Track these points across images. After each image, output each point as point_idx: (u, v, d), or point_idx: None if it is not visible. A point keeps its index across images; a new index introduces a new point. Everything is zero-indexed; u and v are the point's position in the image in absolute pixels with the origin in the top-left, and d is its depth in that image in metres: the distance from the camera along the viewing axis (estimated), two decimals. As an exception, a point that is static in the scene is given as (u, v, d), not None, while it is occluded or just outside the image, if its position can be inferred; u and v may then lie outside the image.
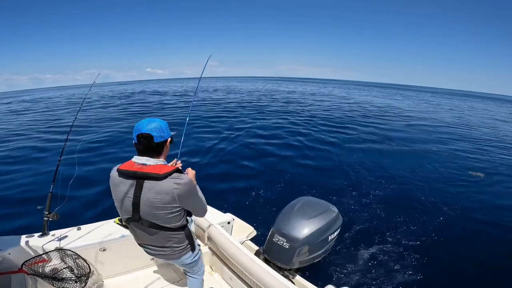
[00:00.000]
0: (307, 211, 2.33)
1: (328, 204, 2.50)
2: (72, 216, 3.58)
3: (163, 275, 2.38)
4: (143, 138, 1.29)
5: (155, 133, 1.30)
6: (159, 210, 1.31)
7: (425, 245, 3.58)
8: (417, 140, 9.35)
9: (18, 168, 6.23)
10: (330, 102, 20.87)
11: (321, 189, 5.02)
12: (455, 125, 13.68)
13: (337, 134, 9.66)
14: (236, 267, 2.12)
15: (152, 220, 1.36)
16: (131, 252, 2.27)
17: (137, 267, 2.39)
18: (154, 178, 1.26)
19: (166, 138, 1.36)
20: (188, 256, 1.61)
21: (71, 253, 1.93)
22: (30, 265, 1.76)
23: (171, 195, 1.28)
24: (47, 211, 2.12)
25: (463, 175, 6.29)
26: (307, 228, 2.22)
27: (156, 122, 1.34)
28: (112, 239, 2.16)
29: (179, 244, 1.51)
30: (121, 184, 1.32)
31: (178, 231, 1.46)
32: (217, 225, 2.44)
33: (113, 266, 2.24)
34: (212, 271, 2.52)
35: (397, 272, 3.08)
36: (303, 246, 2.20)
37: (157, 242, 1.48)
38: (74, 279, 1.87)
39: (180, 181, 1.29)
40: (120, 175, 1.33)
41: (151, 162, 1.31)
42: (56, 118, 13.52)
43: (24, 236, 2.01)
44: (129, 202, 1.32)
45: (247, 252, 2.08)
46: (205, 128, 9.93)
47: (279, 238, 2.24)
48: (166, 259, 1.60)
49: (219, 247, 2.27)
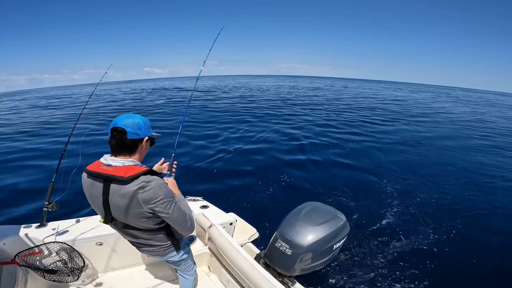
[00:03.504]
0: (314, 217, 2.21)
1: (336, 211, 2.36)
2: (72, 207, 3.58)
3: (158, 272, 2.32)
4: (116, 133, 1.19)
5: (130, 128, 1.19)
6: (127, 214, 1.22)
7: (442, 268, 3.23)
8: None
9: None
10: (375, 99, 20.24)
11: (329, 194, 4.86)
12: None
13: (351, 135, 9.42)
14: (234, 270, 2.05)
15: (124, 222, 1.29)
16: (128, 248, 2.21)
17: (133, 263, 2.34)
18: (118, 181, 1.16)
19: (142, 136, 1.24)
20: (173, 254, 1.54)
21: (66, 246, 1.88)
22: (23, 257, 1.72)
23: (136, 200, 1.17)
24: (47, 201, 2.09)
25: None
26: (312, 235, 2.09)
27: (135, 118, 1.23)
28: (109, 234, 2.10)
29: (161, 243, 1.45)
30: (91, 186, 1.24)
31: (156, 232, 1.38)
32: (218, 225, 2.36)
33: (109, 261, 2.20)
34: (210, 271, 2.45)
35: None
36: (306, 253, 2.09)
37: (138, 239, 1.41)
38: (67, 272, 1.83)
39: (145, 184, 1.16)
40: (89, 176, 1.24)
41: (117, 163, 1.18)
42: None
43: (22, 227, 1.99)
44: (100, 204, 1.25)
45: (247, 256, 2.01)
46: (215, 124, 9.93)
47: (281, 244, 2.12)
48: (153, 255, 1.53)
49: (219, 248, 2.19)
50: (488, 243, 3.75)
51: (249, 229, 2.84)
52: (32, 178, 5.37)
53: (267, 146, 7.85)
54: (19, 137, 9.17)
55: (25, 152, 7.27)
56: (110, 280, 2.16)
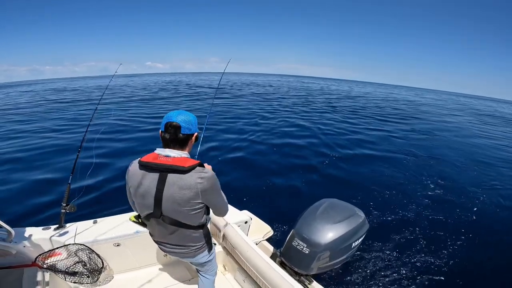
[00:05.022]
0: (332, 215, 2.14)
1: (355, 208, 2.29)
2: (90, 208, 3.64)
3: (174, 273, 2.33)
4: (171, 127, 1.25)
5: (184, 124, 1.26)
6: (182, 206, 1.25)
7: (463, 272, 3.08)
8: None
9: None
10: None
11: (349, 191, 4.77)
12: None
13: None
14: (250, 269, 2.02)
15: (174, 217, 1.30)
16: (144, 249, 2.22)
17: (149, 264, 2.35)
18: (178, 171, 1.21)
19: (192, 132, 1.31)
20: (204, 255, 1.55)
21: (84, 247, 1.90)
22: (43, 259, 1.74)
23: (195, 190, 1.22)
24: (64, 202, 2.10)
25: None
26: (331, 233, 2.03)
27: (187, 114, 1.30)
28: (127, 235, 2.12)
29: (196, 243, 1.47)
30: (143, 178, 1.25)
31: (197, 229, 1.41)
32: (233, 224, 2.34)
33: (125, 261, 2.21)
34: (225, 271, 2.43)
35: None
36: (324, 252, 2.03)
37: (175, 240, 1.43)
38: (87, 273, 1.85)
39: (204, 175, 1.24)
40: (141, 168, 1.25)
41: (175, 154, 1.25)
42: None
43: (41, 228, 2.01)
44: (151, 197, 1.25)
45: (263, 255, 1.98)
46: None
47: (299, 243, 2.07)
48: (181, 257, 1.55)
49: (234, 247, 2.17)
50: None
51: (263, 227, 2.81)
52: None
53: (280, 141, 7.78)
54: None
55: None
56: (127, 281, 2.18)
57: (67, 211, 2.07)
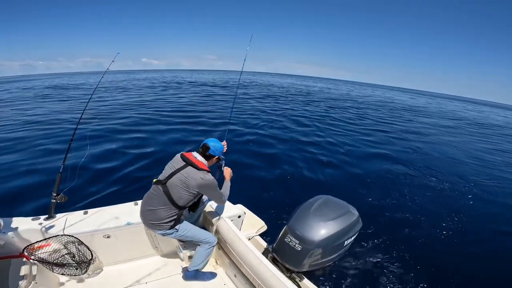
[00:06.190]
0: (325, 212, 2.11)
1: (349, 206, 2.26)
2: (81, 196, 3.60)
3: (164, 266, 2.32)
4: (204, 146, 2.05)
5: (212, 148, 2.05)
6: (181, 185, 1.89)
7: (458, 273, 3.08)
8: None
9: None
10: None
11: (343, 189, 4.78)
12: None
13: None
14: (241, 264, 2.01)
15: (170, 190, 1.90)
16: (135, 241, 2.20)
17: (139, 256, 2.33)
18: (194, 167, 1.92)
19: (215, 155, 2.07)
20: (168, 229, 1.97)
21: (74, 239, 1.87)
22: (31, 250, 1.71)
23: (195, 182, 1.89)
24: (55, 192, 2.06)
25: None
26: (324, 230, 2.01)
27: (217, 143, 2.09)
28: (117, 226, 2.09)
29: (166, 219, 1.93)
30: (178, 160, 1.98)
31: (176, 208, 1.93)
32: (226, 218, 2.31)
33: (115, 253, 2.19)
34: (217, 265, 2.42)
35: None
36: (317, 249, 2.00)
37: (155, 205, 1.92)
38: (75, 265, 1.82)
39: (206, 176, 1.92)
40: (181, 157, 1.99)
41: (200, 158, 2.01)
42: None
43: (30, 219, 1.97)
44: (171, 170, 1.95)
45: (255, 251, 1.97)
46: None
47: (291, 239, 2.05)
48: (159, 229, 1.96)
49: (226, 242, 2.15)
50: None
51: (257, 222, 2.78)
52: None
53: (276, 134, 7.75)
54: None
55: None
56: (117, 273, 2.16)
57: (58, 201, 2.03)
